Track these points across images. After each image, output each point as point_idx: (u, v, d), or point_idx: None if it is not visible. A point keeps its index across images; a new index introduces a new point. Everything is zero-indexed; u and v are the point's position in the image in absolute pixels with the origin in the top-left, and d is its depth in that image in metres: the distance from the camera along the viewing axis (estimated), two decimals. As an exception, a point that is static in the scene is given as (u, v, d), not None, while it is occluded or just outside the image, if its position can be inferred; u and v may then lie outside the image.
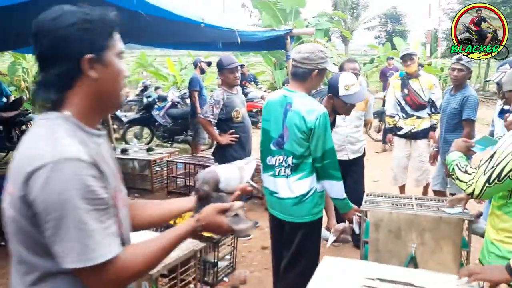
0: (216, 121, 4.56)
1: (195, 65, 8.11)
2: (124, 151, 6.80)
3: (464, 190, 2.11)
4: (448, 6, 28.95)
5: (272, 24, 15.58)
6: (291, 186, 2.77)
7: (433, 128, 5.24)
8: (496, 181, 1.95)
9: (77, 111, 1.19)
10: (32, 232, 1.11)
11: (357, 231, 3.00)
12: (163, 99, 10.78)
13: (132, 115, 11.76)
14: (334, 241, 3.13)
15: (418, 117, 5.21)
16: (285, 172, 2.78)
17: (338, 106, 3.12)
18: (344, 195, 2.85)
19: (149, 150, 6.98)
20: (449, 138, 4.38)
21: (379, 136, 9.62)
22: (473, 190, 2.03)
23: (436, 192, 4.66)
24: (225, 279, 3.88)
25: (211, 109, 4.51)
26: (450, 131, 4.43)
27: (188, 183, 6.67)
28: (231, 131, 4.56)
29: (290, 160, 2.75)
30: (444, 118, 4.50)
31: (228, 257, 4.00)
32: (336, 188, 2.79)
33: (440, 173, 4.58)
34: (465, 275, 1.92)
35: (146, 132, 10.08)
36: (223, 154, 4.54)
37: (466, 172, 2.11)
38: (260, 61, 19.14)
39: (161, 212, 1.51)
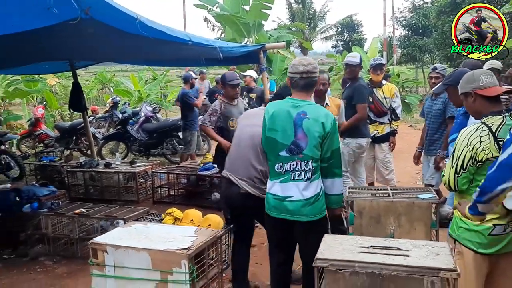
0: (212, 126, 5.26)
1: (186, 80, 8.70)
2: (108, 165, 7.04)
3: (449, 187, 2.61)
4: (401, 15, 30.26)
5: (236, 37, 15.99)
6: (309, 188, 2.95)
7: (393, 133, 5.87)
8: (462, 170, 2.48)
9: None
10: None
11: (345, 225, 3.45)
12: (134, 114, 11.05)
13: (104, 131, 11.90)
14: None
15: (380, 123, 5.82)
16: (305, 175, 2.95)
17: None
18: (343, 190, 3.14)
19: (131, 163, 7.25)
20: (436, 137, 4.95)
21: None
22: (448, 183, 2.54)
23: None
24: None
25: (208, 117, 5.30)
26: (435, 130, 4.93)
27: (172, 193, 7.00)
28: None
29: (310, 164, 2.94)
30: (430, 120, 4.98)
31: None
32: (337, 185, 3.03)
33: (432, 169, 5.02)
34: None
35: (122, 147, 10.25)
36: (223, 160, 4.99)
37: None
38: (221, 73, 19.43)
39: None
